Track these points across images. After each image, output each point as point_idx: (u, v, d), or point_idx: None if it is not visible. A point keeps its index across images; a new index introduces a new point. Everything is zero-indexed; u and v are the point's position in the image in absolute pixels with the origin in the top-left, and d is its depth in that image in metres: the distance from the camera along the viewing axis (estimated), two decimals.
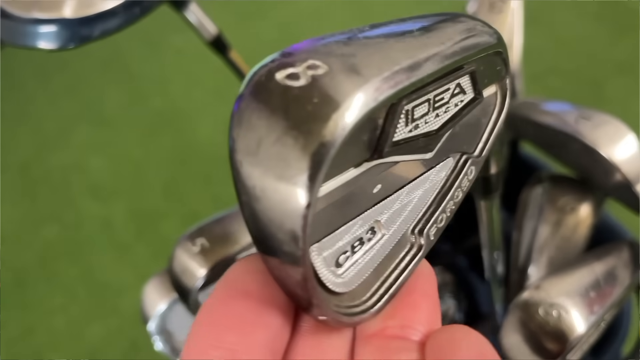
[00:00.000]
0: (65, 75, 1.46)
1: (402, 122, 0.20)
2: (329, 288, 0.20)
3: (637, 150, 0.41)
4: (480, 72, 0.24)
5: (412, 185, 0.23)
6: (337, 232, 0.20)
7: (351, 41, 0.20)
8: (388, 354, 0.20)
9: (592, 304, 0.38)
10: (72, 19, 0.42)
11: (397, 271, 0.22)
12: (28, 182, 1.31)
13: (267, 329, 0.19)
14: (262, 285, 0.19)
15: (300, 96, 0.17)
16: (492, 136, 0.26)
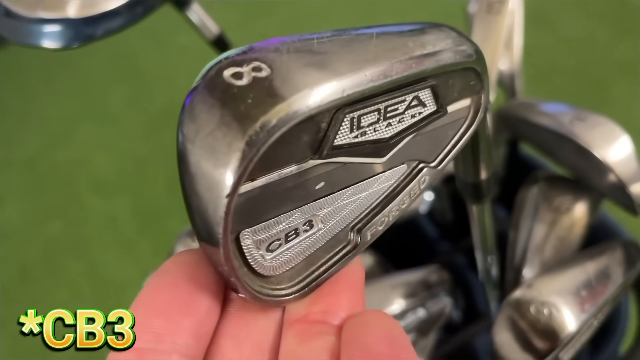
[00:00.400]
0: (70, 72, 1.46)
1: (346, 128, 0.22)
2: (255, 270, 0.22)
3: (631, 152, 0.42)
4: (447, 86, 0.25)
5: (358, 186, 0.24)
6: (272, 221, 0.22)
7: (305, 47, 0.21)
8: (308, 338, 0.21)
9: (583, 303, 0.38)
10: (76, 19, 0.42)
11: (328, 264, 0.24)
12: (33, 179, 1.32)
13: (192, 316, 0.20)
14: (190, 276, 0.21)
15: (238, 95, 0.19)
16: (455, 149, 0.27)
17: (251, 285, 0.21)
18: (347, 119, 0.21)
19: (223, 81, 0.19)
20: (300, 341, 0.21)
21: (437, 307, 0.51)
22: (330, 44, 0.21)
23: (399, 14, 1.47)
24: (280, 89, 0.19)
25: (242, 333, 0.22)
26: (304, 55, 0.20)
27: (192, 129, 0.19)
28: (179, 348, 0.20)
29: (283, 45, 0.20)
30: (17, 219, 1.24)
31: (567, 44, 1.38)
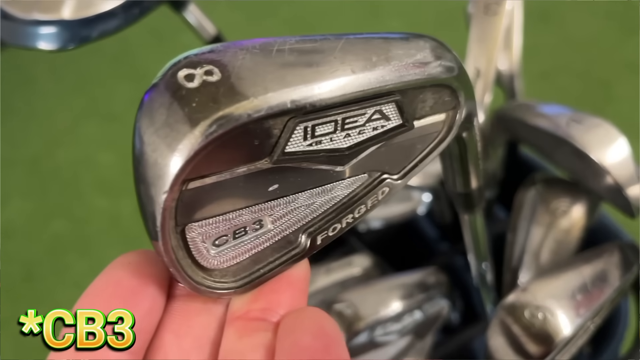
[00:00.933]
0: (74, 71, 1.47)
1: (299, 136, 0.22)
2: (199, 262, 0.23)
3: (628, 154, 0.42)
4: (415, 101, 0.25)
5: (313, 191, 0.24)
6: (220, 217, 0.22)
7: (263, 54, 0.21)
8: (247, 334, 0.22)
9: (578, 307, 0.38)
10: (72, 20, 0.42)
11: (275, 263, 0.24)
12: (37, 177, 1.32)
13: (134, 310, 0.21)
14: (133, 274, 0.22)
15: (185, 97, 0.19)
16: (422, 163, 0.27)
17: (192, 277, 0.22)
18: (300, 127, 0.22)
19: (175, 82, 0.20)
20: (239, 337, 0.22)
21: (434, 310, 0.51)
22: (289, 53, 0.21)
23: (403, 14, 1.46)
24: (225, 95, 0.19)
25: (183, 328, 0.23)
26: (259, 62, 0.21)
27: (142, 125, 0.20)
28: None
29: (242, 51, 0.21)
30: (22, 218, 1.24)
31: (572, 43, 1.37)
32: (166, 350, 0.22)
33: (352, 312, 0.45)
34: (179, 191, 0.20)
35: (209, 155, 0.20)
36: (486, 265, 0.42)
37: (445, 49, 0.25)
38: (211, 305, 0.24)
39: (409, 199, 0.62)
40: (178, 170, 0.19)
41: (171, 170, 0.19)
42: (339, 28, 1.48)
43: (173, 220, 0.21)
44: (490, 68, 0.47)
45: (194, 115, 0.19)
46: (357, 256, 0.57)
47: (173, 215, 0.21)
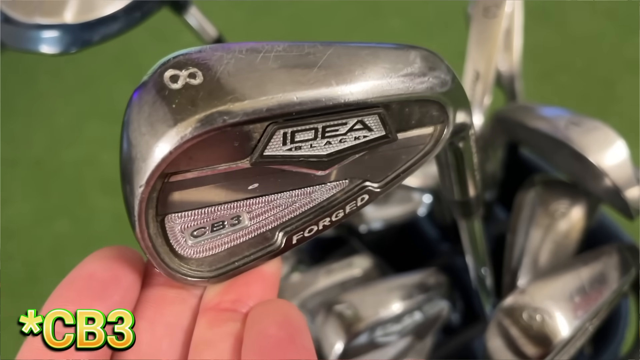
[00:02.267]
0: (77, 71, 1.47)
1: (279, 141, 0.22)
2: (176, 251, 0.24)
3: (626, 157, 0.42)
4: (400, 114, 0.25)
5: (293, 192, 0.25)
6: (199, 210, 0.23)
7: (248, 60, 0.21)
8: (217, 324, 0.23)
9: (576, 309, 0.38)
10: (74, 24, 0.42)
11: (250, 258, 0.25)
12: (40, 177, 1.32)
13: (104, 303, 0.22)
14: (105, 268, 0.23)
15: (167, 97, 0.20)
16: (406, 173, 0.27)
17: (169, 264, 0.23)
18: (279, 133, 0.22)
19: (161, 81, 0.21)
20: (210, 327, 0.23)
21: (434, 311, 0.51)
22: (273, 60, 0.22)
23: (403, 14, 1.46)
24: (204, 99, 0.20)
25: (157, 316, 0.24)
26: (242, 68, 0.21)
27: (128, 121, 0.21)
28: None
29: (228, 55, 0.21)
30: (24, 218, 1.25)
31: (574, 42, 1.37)
32: (139, 336, 0.23)
33: (352, 313, 0.45)
34: (158, 184, 0.21)
35: (189, 153, 0.21)
36: (485, 270, 0.42)
37: (436, 63, 0.25)
38: (185, 296, 0.25)
39: (410, 200, 0.63)
40: (154, 168, 0.20)
41: (148, 166, 0.20)
42: (339, 27, 1.48)
43: (154, 210, 0.22)
44: (490, 70, 0.47)
45: (172, 116, 0.20)
46: (357, 257, 0.57)
47: (153, 205, 0.22)
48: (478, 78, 0.47)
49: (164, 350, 0.24)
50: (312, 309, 0.54)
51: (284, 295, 0.53)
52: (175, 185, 0.22)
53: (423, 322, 0.50)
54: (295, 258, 0.57)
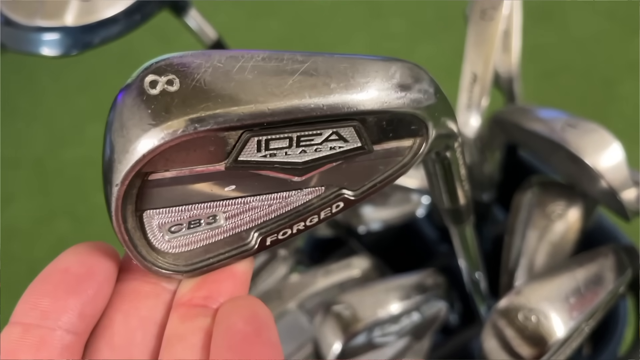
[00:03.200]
0: (79, 71, 1.47)
1: (253, 148, 0.23)
2: (153, 245, 0.25)
3: (622, 159, 0.42)
4: (376, 127, 0.25)
5: (268, 196, 0.26)
6: (177, 208, 0.24)
7: (225, 69, 0.22)
8: (188, 318, 0.24)
9: (572, 310, 0.38)
10: (74, 27, 0.43)
11: (224, 256, 0.26)
12: (42, 177, 1.33)
13: (79, 297, 0.23)
14: (81, 263, 0.24)
15: (144, 103, 0.21)
16: (383, 184, 0.27)
17: (145, 257, 0.25)
18: (254, 140, 0.23)
19: (141, 86, 0.21)
20: (181, 321, 0.24)
21: (432, 311, 0.51)
22: (250, 71, 0.22)
23: (403, 14, 1.46)
24: (177, 107, 0.21)
25: (131, 309, 0.25)
26: (218, 78, 0.22)
27: (110, 122, 0.22)
28: (62, 325, 0.23)
29: (207, 63, 0.22)
30: (26, 218, 1.25)
31: (574, 43, 1.37)
32: (113, 328, 0.24)
33: (350, 313, 0.45)
34: (137, 182, 0.23)
35: (165, 155, 0.22)
36: (479, 275, 0.43)
37: (418, 77, 0.25)
38: (159, 291, 0.26)
39: (409, 201, 0.63)
40: (128, 169, 0.21)
41: (123, 167, 0.21)
42: (340, 28, 1.48)
43: (133, 205, 0.23)
44: (487, 72, 0.47)
45: (147, 121, 0.21)
46: (356, 258, 0.57)
47: (133, 201, 0.23)
48: (475, 80, 0.47)
49: (138, 343, 0.24)
50: (311, 309, 0.54)
51: (283, 296, 0.53)
52: (153, 183, 0.23)
53: (421, 323, 0.51)
54: (294, 259, 0.57)
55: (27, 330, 0.23)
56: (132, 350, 0.24)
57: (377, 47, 1.44)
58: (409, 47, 1.42)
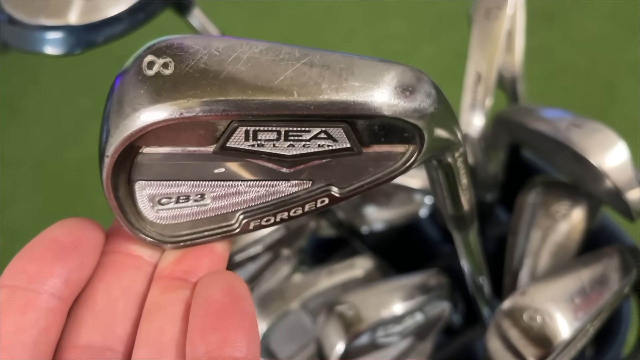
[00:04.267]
0: (80, 71, 1.47)
1: (241, 137, 0.24)
2: (143, 213, 0.26)
3: (627, 158, 0.42)
4: (367, 130, 0.25)
5: (256, 182, 0.26)
6: (166, 182, 0.25)
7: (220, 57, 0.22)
8: (169, 290, 0.26)
9: (577, 310, 0.38)
10: (78, 26, 0.43)
11: (209, 233, 0.27)
12: (43, 178, 1.32)
13: (65, 264, 0.24)
14: (69, 233, 0.25)
15: (139, 82, 0.22)
16: (372, 185, 0.27)
17: (134, 224, 0.26)
18: (241, 130, 0.24)
19: (139, 65, 0.22)
20: (162, 293, 0.26)
21: (436, 312, 0.51)
22: (244, 62, 0.23)
23: (405, 14, 1.46)
24: (168, 91, 0.22)
25: (114, 280, 0.26)
26: (211, 66, 0.22)
27: (110, 93, 0.23)
28: (48, 289, 0.24)
29: (204, 50, 0.22)
30: (28, 219, 1.24)
31: (576, 43, 1.37)
32: (96, 296, 0.25)
33: (354, 313, 0.45)
34: (132, 154, 0.24)
35: (156, 133, 0.23)
36: (482, 279, 0.42)
37: (418, 85, 0.24)
38: (141, 264, 0.27)
39: (412, 201, 0.63)
40: (118, 144, 0.22)
41: (114, 141, 0.22)
42: (342, 28, 1.48)
43: (126, 175, 0.24)
44: (491, 72, 0.47)
45: (138, 101, 0.22)
46: (359, 258, 0.57)
47: (127, 171, 0.24)
48: (480, 80, 0.47)
49: (119, 311, 0.26)
50: (314, 309, 0.54)
51: (286, 296, 0.53)
52: (147, 157, 0.24)
53: (424, 323, 0.50)
54: (297, 259, 0.57)
55: (14, 292, 0.23)
56: (114, 318, 0.25)
57: (378, 47, 1.44)
58: (411, 48, 1.42)
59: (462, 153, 0.29)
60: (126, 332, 0.26)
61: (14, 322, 0.23)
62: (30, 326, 0.23)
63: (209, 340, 0.23)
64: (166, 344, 0.24)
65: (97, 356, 0.25)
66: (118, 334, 0.25)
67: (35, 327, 0.23)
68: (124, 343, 0.25)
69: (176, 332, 0.24)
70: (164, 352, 0.24)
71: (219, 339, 0.23)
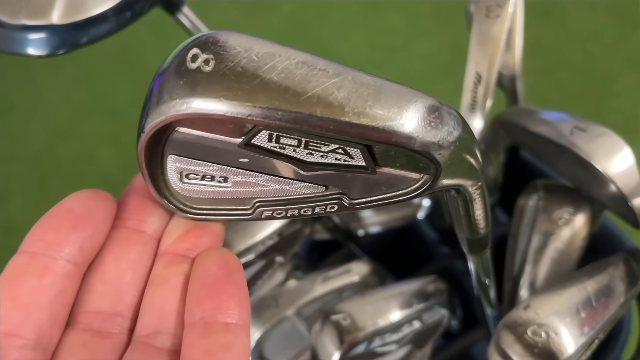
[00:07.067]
0: (76, 66, 1.46)
1: (264, 138, 0.26)
2: (170, 183, 0.28)
3: (633, 164, 0.40)
4: (384, 154, 0.26)
5: (274, 178, 0.28)
6: (195, 160, 0.27)
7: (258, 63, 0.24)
8: (171, 264, 0.28)
9: (583, 325, 0.36)
10: (61, 25, 0.41)
11: (225, 212, 0.29)
12: (38, 173, 1.31)
13: (79, 233, 0.27)
14: (82, 205, 0.27)
15: (180, 73, 0.23)
16: (381, 203, 0.28)
17: (161, 191, 0.28)
18: (265, 133, 0.25)
19: (184, 56, 0.24)
20: (165, 266, 0.28)
21: (434, 319, 0.50)
22: (279, 73, 0.23)
23: (401, 10, 1.45)
24: (203, 87, 0.23)
25: (122, 252, 0.28)
26: (248, 70, 0.23)
27: (155, 74, 0.25)
28: (64, 255, 0.26)
29: (245, 53, 0.24)
30: (23, 214, 1.23)
31: (573, 38, 1.37)
32: (105, 266, 0.28)
33: (349, 323, 0.44)
34: (168, 130, 0.26)
35: (191, 119, 0.25)
36: (489, 282, 0.41)
37: (441, 123, 0.25)
38: (147, 240, 0.29)
39: (409, 204, 0.61)
40: (153, 124, 0.24)
41: (151, 120, 0.24)
42: (338, 24, 1.47)
43: (160, 148, 0.27)
44: (492, 73, 0.45)
45: (176, 91, 0.23)
46: (355, 263, 0.55)
47: (162, 144, 0.26)
48: (480, 81, 0.45)
49: (127, 281, 0.28)
50: (309, 316, 0.53)
51: (280, 303, 0.52)
52: (181, 135, 0.26)
53: (422, 331, 0.49)
54: (292, 264, 0.56)
55: (33, 258, 0.26)
56: (122, 287, 0.28)
57: (375, 42, 1.43)
58: (407, 43, 1.41)
59: (479, 187, 0.29)
60: (134, 301, 0.28)
61: (33, 284, 0.25)
62: (47, 288, 0.26)
63: (204, 307, 0.26)
64: (168, 311, 0.27)
65: (107, 321, 0.27)
66: (127, 302, 0.28)
67: (52, 289, 0.26)
68: (131, 310, 0.28)
69: (177, 301, 0.27)
70: (166, 318, 0.27)
71: (213, 306, 0.26)
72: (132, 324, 0.28)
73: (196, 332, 0.26)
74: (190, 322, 0.26)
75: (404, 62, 1.38)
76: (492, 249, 0.58)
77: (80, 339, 0.27)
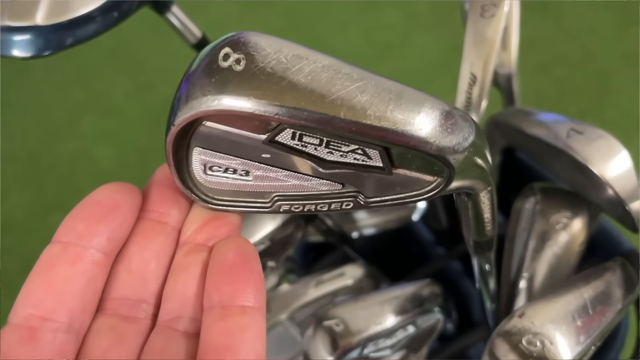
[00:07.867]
0: (73, 64, 1.45)
1: (288, 135, 0.27)
2: (194, 173, 0.30)
3: (630, 168, 0.39)
4: (401, 156, 0.28)
5: (294, 174, 0.29)
6: (219, 154, 0.29)
7: (288, 64, 0.25)
8: (191, 253, 0.30)
9: (579, 333, 0.35)
10: (46, 26, 0.40)
11: (245, 204, 0.31)
12: (35, 171, 1.31)
13: (107, 224, 0.28)
14: (109, 197, 0.29)
15: (212, 71, 0.24)
16: (395, 203, 0.30)
17: (185, 181, 0.30)
18: (289, 131, 0.26)
19: (216, 54, 0.25)
20: (185, 255, 0.30)
21: (429, 324, 0.49)
22: (306, 75, 0.24)
23: (398, 5, 1.44)
24: (234, 85, 0.24)
25: (145, 242, 0.30)
26: (277, 71, 0.24)
27: (187, 70, 0.26)
28: (94, 245, 0.28)
29: (275, 55, 0.25)
30: (20, 212, 1.24)
31: (570, 34, 1.36)
32: (131, 256, 0.29)
33: (343, 328, 0.43)
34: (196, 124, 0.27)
35: (218, 114, 0.25)
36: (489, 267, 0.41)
37: (457, 131, 0.26)
38: (169, 231, 0.31)
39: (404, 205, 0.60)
40: (183, 118, 0.25)
41: (181, 114, 0.25)
42: (335, 19, 1.46)
43: (187, 140, 0.28)
44: (487, 74, 0.44)
45: (207, 87, 0.24)
46: (349, 267, 0.55)
47: (188, 136, 0.27)
48: (475, 81, 0.44)
49: (151, 269, 0.30)
50: (302, 321, 0.52)
51: (272, 308, 0.51)
52: (208, 129, 0.27)
53: (417, 336, 0.48)
54: (284, 268, 0.55)
55: (66, 247, 0.27)
56: (147, 275, 0.30)
57: (372, 38, 1.42)
58: (404, 39, 1.40)
59: (489, 190, 0.31)
60: (157, 288, 0.30)
61: (65, 272, 0.27)
62: (79, 275, 0.27)
63: (222, 291, 0.27)
64: (189, 297, 0.29)
65: (134, 307, 0.29)
66: (151, 289, 0.30)
67: (83, 277, 0.27)
68: (155, 297, 0.30)
69: (197, 287, 0.29)
70: (187, 304, 0.29)
71: (230, 290, 0.27)
72: (156, 310, 0.30)
73: (214, 315, 0.27)
74: (208, 305, 0.28)
75: (401, 58, 1.37)
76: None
77: (108, 324, 0.28)
